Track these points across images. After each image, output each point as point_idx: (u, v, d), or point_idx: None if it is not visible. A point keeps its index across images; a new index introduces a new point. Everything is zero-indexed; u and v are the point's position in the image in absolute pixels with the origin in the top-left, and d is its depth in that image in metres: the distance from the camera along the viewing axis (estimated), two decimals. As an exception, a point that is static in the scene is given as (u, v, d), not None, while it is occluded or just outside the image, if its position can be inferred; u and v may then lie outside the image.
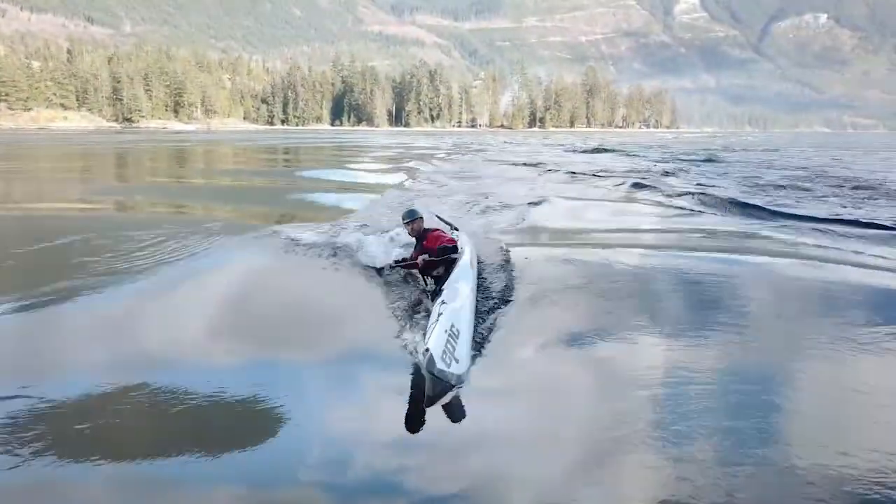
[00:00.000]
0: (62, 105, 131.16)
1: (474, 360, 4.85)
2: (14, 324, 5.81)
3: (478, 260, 7.32)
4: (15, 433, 3.80)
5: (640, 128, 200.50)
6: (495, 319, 5.86)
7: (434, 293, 5.93)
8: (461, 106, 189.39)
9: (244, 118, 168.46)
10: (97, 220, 12.26)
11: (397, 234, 8.70)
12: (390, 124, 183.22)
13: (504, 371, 5.01)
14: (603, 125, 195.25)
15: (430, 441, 3.96)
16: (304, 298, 7.06)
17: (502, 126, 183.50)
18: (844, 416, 4.33)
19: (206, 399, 4.37)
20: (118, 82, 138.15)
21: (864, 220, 12.01)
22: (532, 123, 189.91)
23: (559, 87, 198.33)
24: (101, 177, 24.60)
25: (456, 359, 4.43)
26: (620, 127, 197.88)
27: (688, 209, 14.26)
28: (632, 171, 25.10)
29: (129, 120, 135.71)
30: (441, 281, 6.15)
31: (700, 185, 19.23)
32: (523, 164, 29.99)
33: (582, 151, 44.21)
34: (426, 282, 6.68)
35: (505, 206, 14.24)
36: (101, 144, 50.78)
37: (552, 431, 3.99)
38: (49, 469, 3.52)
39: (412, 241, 7.39)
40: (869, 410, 4.38)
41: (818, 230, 11.34)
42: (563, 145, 57.01)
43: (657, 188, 18.15)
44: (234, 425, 4.11)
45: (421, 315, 5.81)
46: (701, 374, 4.79)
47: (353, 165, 29.70)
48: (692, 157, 35.89)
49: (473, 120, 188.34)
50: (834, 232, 11.12)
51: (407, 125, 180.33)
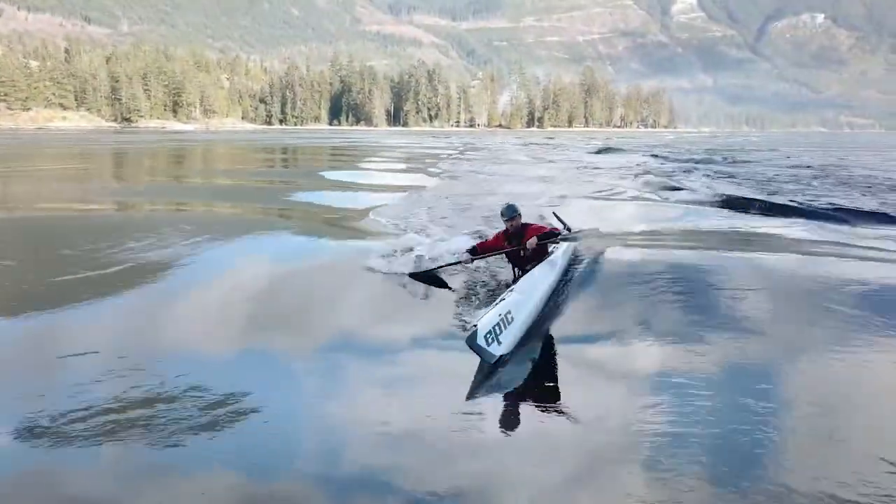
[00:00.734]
0: (61, 105, 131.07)
1: (519, 348, 5.00)
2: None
3: (572, 260, 7.39)
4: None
5: (637, 127, 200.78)
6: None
7: (512, 281, 6.14)
8: (459, 106, 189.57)
9: (242, 118, 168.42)
10: (162, 222, 12.14)
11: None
12: (388, 124, 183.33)
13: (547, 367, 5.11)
14: (601, 125, 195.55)
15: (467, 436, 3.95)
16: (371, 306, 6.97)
17: (500, 126, 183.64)
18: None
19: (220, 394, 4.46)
20: (117, 82, 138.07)
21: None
22: (530, 123, 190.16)
23: (557, 87, 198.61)
24: (160, 178, 24.71)
25: (499, 341, 4.66)
26: (618, 127, 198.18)
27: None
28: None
29: (127, 120, 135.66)
30: (524, 272, 6.34)
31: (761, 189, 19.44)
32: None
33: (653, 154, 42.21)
34: (515, 273, 6.75)
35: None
36: (123, 144, 50.71)
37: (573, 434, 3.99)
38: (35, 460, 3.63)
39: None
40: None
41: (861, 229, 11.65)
42: (585, 147, 54.92)
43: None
44: (243, 422, 4.09)
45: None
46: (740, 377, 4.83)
47: (391, 166, 29.86)
48: (718, 158, 36.50)
49: (472, 120, 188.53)
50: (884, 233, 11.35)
51: (405, 125, 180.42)
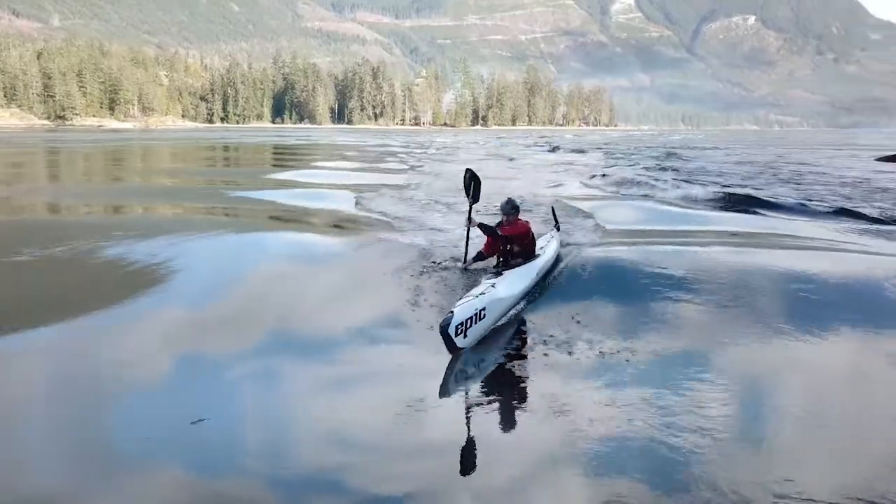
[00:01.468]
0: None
1: (479, 345, 5.35)
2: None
3: (555, 265, 7.56)
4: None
5: (580, 126, 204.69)
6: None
7: (495, 272, 6.36)
8: (404, 103, 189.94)
9: (182, 116, 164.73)
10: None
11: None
12: (333, 122, 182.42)
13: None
14: (544, 123, 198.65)
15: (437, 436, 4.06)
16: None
17: (446, 124, 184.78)
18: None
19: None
20: (49, 78, 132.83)
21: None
22: (475, 122, 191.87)
23: (501, 86, 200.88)
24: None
25: (466, 334, 5.07)
26: (561, 125, 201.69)
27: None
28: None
29: (62, 118, 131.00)
30: (508, 267, 6.62)
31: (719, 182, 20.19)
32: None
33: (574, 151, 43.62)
34: (498, 261, 6.93)
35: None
36: (57, 143, 48.82)
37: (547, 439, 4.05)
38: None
39: None
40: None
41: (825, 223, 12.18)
42: (540, 145, 55.19)
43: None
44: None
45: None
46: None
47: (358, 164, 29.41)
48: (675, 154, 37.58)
49: (416, 117, 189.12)
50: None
51: (350, 123, 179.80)
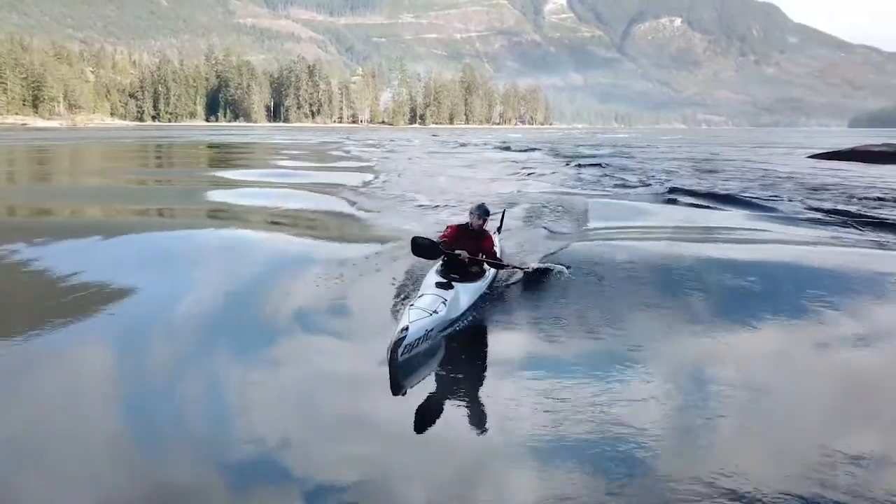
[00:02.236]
0: None
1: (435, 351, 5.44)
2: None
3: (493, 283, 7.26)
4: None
5: (516, 124, 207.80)
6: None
7: (446, 283, 6.02)
8: (342, 102, 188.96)
9: (111, 114, 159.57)
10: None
11: None
12: (268, 120, 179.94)
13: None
14: (481, 122, 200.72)
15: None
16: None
17: (384, 122, 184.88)
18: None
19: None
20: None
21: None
22: (413, 120, 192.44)
23: (438, 84, 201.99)
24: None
25: (409, 352, 5.03)
26: (498, 124, 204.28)
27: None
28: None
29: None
30: (462, 277, 6.37)
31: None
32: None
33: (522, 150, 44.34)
34: (444, 268, 6.52)
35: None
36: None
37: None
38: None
39: None
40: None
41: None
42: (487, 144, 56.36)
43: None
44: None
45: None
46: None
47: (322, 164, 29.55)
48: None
49: (354, 116, 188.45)
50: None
51: (286, 121, 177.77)
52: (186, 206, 14.28)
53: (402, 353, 4.84)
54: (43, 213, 13.37)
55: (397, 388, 4.67)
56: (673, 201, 15.78)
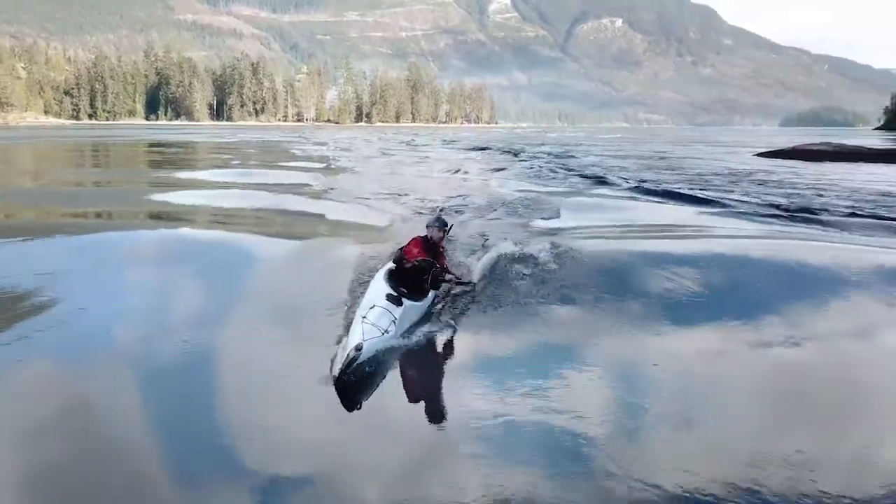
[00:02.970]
0: None
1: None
2: None
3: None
4: None
5: (462, 123, 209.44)
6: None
7: (396, 299, 5.76)
8: (286, 100, 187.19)
9: (45, 112, 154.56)
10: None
11: None
12: (211, 118, 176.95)
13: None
14: (427, 120, 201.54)
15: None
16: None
17: (329, 121, 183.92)
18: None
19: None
20: None
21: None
22: (359, 118, 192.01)
23: (384, 83, 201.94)
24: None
25: (357, 371, 4.84)
26: (444, 122, 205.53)
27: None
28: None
29: None
30: (410, 287, 6.21)
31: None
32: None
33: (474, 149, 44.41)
34: (393, 283, 6.16)
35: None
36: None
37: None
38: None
39: None
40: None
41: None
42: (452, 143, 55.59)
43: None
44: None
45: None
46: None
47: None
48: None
49: (299, 114, 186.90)
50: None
51: (230, 119, 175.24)
52: (124, 208, 13.85)
53: (353, 371, 4.70)
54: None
55: (351, 403, 4.51)
56: (633, 198, 16.17)
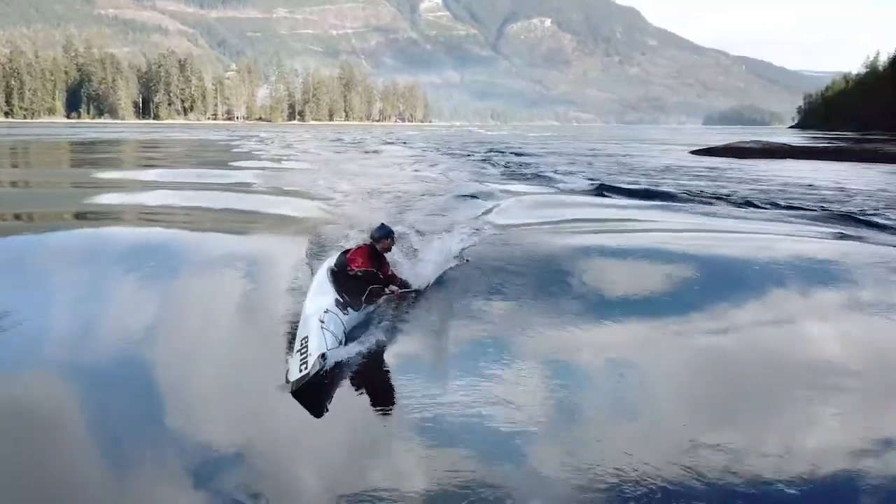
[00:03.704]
0: None
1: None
2: None
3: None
4: None
5: (395, 121, 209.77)
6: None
7: (343, 305, 5.79)
8: (216, 98, 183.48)
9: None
10: None
11: None
12: (137, 116, 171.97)
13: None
14: (361, 119, 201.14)
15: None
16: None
17: (261, 119, 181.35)
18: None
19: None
20: None
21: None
22: (291, 116, 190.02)
23: (316, 81, 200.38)
24: None
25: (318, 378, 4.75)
26: (378, 120, 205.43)
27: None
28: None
29: None
30: (352, 295, 6.13)
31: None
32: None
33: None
34: (340, 293, 6.04)
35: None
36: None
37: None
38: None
39: None
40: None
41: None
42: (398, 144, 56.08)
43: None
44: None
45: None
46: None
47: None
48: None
49: (230, 112, 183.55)
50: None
51: (156, 117, 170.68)
52: (52, 209, 13.36)
53: (316, 377, 4.61)
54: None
55: (319, 410, 4.47)
56: (578, 193, 16.73)
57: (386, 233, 6.61)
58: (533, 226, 11.09)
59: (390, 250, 6.79)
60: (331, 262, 6.71)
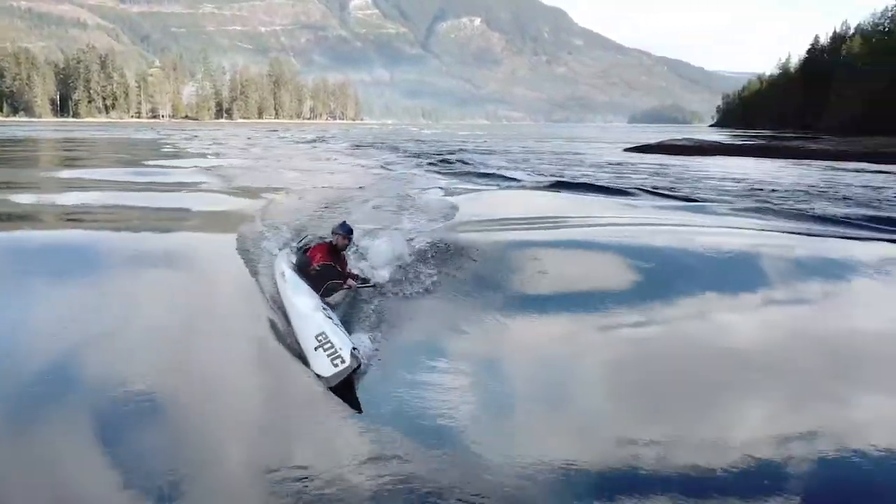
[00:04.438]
0: None
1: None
2: None
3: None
4: None
5: (327, 119, 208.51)
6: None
7: (324, 306, 5.89)
8: (139, 95, 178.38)
9: None
10: None
11: None
12: (55, 114, 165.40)
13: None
14: (291, 117, 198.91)
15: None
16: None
17: (188, 117, 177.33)
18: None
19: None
20: None
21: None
22: (219, 115, 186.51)
23: (244, 78, 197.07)
24: None
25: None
26: (309, 118, 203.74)
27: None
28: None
29: None
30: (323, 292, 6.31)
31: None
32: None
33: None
34: (320, 291, 6.31)
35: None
36: None
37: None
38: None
39: None
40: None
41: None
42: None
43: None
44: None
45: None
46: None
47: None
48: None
49: (154, 110, 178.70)
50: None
51: (76, 115, 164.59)
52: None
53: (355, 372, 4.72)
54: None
55: (358, 406, 4.52)
56: (524, 189, 17.31)
57: (346, 230, 6.90)
58: (482, 223, 11.19)
59: (347, 248, 7.05)
60: (287, 259, 7.08)
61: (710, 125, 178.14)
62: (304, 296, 5.95)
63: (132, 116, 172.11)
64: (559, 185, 18.34)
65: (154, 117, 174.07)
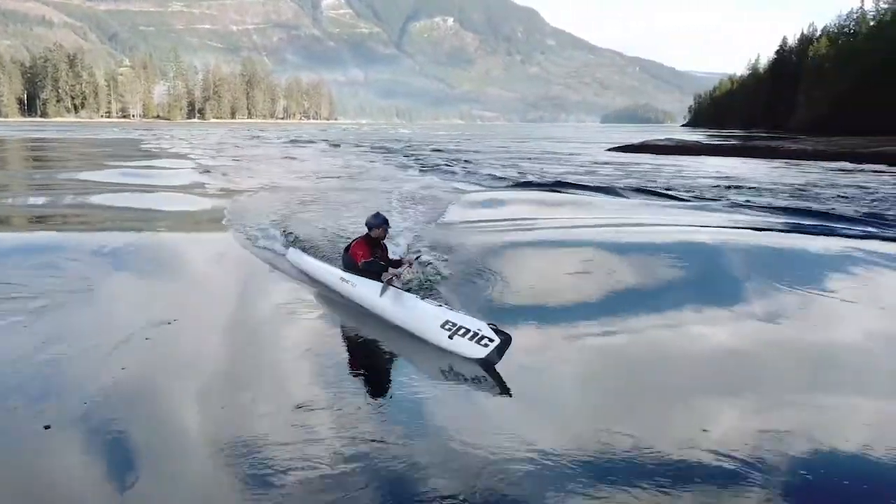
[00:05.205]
0: None
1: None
2: None
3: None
4: None
5: (301, 119, 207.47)
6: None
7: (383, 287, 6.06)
8: (109, 95, 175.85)
9: None
10: None
11: None
12: (22, 114, 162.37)
13: None
14: (265, 117, 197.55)
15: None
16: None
17: (159, 117, 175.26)
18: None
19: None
20: None
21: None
22: (191, 114, 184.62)
23: (217, 78, 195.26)
24: None
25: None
26: (282, 118, 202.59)
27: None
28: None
29: None
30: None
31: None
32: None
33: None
34: (383, 281, 6.23)
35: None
36: None
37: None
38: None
39: None
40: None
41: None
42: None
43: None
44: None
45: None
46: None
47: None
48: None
49: (124, 110, 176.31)
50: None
51: (44, 115, 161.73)
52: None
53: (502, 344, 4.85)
54: None
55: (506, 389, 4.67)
56: (514, 189, 17.25)
57: (381, 221, 6.75)
58: (472, 223, 11.07)
59: (385, 237, 6.92)
60: (333, 267, 7.08)
61: (683, 125, 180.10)
62: (388, 293, 5.92)
63: (102, 116, 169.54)
64: (559, 185, 18.38)
65: (124, 117, 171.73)
